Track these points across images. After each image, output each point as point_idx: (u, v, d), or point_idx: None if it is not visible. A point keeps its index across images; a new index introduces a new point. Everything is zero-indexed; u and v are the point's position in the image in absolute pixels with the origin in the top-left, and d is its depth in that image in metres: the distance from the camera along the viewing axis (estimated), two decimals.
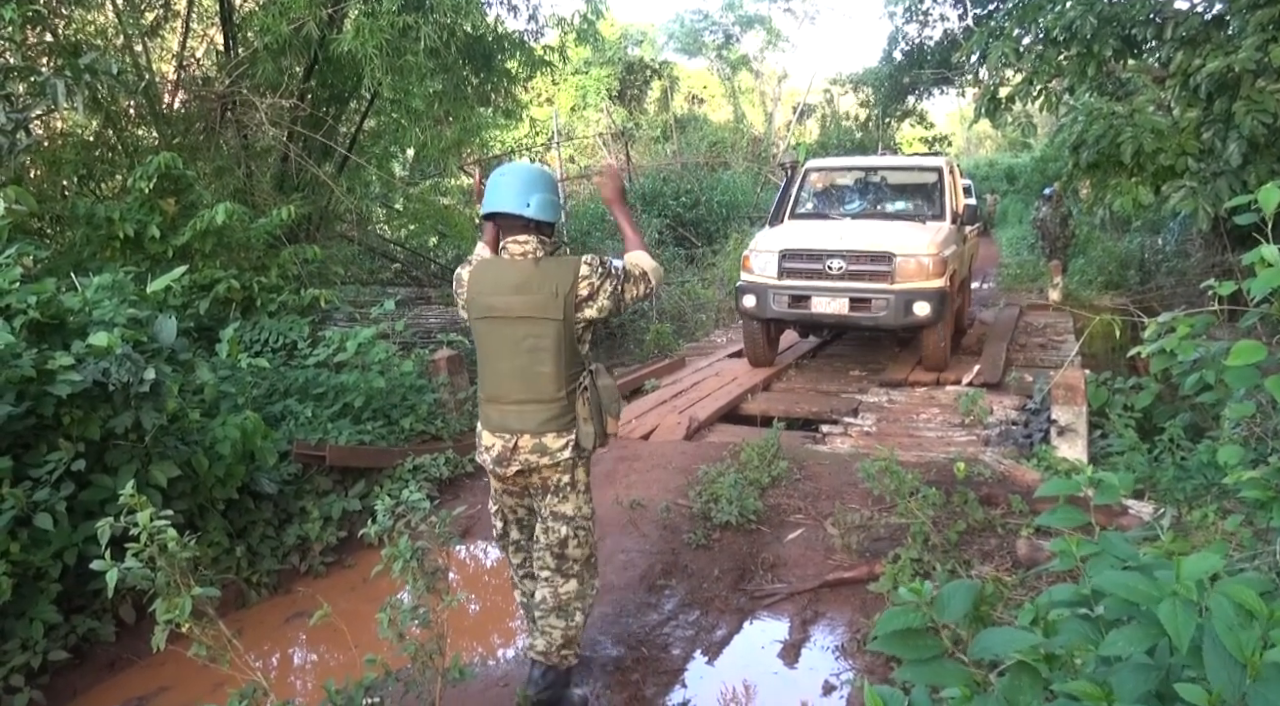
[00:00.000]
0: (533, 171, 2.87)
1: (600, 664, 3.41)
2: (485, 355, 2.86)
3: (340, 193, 7.41)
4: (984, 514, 4.35)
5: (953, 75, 15.01)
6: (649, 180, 18.83)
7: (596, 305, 2.75)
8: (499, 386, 2.83)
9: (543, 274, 2.72)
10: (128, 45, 6.59)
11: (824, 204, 8.57)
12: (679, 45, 29.83)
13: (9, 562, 3.21)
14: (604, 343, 11.18)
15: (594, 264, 2.74)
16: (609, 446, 5.71)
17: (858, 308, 6.95)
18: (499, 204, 2.75)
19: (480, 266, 2.86)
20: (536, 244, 2.75)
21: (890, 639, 1.31)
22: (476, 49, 7.91)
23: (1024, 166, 28.79)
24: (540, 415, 2.76)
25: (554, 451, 2.79)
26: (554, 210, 2.80)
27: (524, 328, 2.73)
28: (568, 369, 2.76)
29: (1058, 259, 12.14)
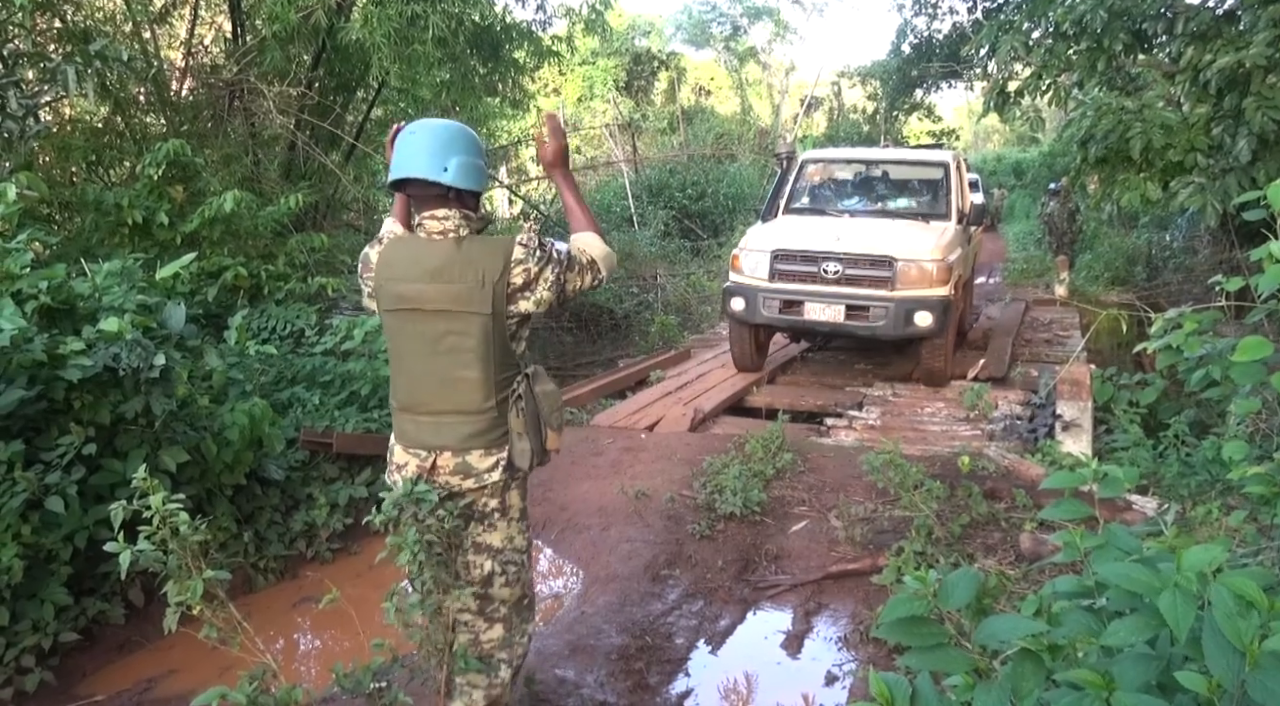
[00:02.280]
0: (451, 128, 2.30)
1: (604, 652, 3.43)
2: (397, 355, 2.39)
3: (347, 181, 7.44)
4: (988, 507, 4.37)
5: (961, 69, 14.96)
6: (655, 172, 18.80)
7: (534, 297, 2.27)
8: (413, 394, 2.36)
9: (466, 257, 2.23)
10: (136, 32, 6.60)
11: (821, 198, 8.04)
12: (686, 36, 29.79)
13: (21, 545, 3.23)
14: (608, 334, 11.21)
15: (531, 245, 2.25)
16: (613, 438, 5.85)
17: (854, 316, 6.49)
18: (408, 168, 2.24)
19: (391, 246, 2.36)
20: (459, 220, 2.26)
21: (894, 626, 1.32)
22: (484, 39, 7.92)
23: (1032, 161, 28.71)
24: (463, 429, 2.29)
25: (481, 472, 2.32)
26: (479, 176, 2.30)
27: (443, 323, 2.26)
28: (498, 373, 2.28)
29: (1064, 254, 12.12)
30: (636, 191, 17.35)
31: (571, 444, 5.67)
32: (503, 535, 2.44)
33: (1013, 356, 7.43)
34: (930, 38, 17.39)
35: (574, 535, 4.53)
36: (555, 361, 9.88)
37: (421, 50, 6.51)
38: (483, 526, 2.42)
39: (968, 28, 14.33)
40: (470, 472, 2.33)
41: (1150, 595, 1.19)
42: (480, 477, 2.33)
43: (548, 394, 2.36)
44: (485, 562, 2.45)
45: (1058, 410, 5.10)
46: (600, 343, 10.92)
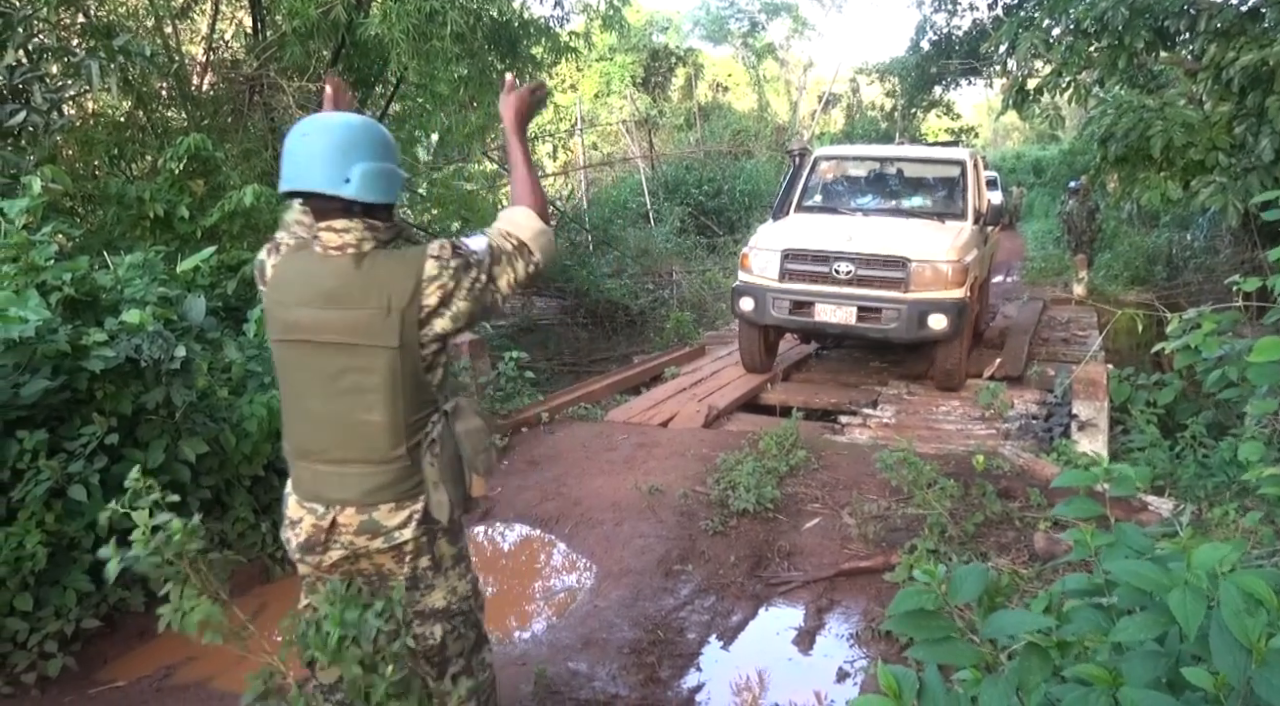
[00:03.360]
0: (353, 128, 1.89)
1: (616, 645, 3.44)
2: (289, 394, 2.02)
3: None
4: (1002, 506, 4.35)
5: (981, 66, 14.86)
6: (672, 168, 18.83)
7: (451, 311, 1.91)
8: (309, 439, 1.99)
9: (368, 278, 1.87)
10: (158, 27, 6.68)
11: (834, 197, 7.83)
12: (704, 32, 29.76)
13: (44, 532, 3.27)
14: (624, 330, 11.24)
15: (444, 256, 1.89)
16: (627, 434, 5.86)
17: (866, 318, 6.33)
18: (302, 179, 1.86)
19: (287, 261, 1.99)
20: (362, 232, 1.89)
21: (903, 619, 1.33)
22: (502, 34, 7.93)
23: (1051, 159, 28.53)
24: (369, 480, 1.95)
25: (390, 530, 1.97)
26: (391, 185, 1.93)
27: (340, 357, 1.90)
28: (409, 414, 1.93)
29: (1083, 253, 12.06)
30: (653, 188, 17.39)
31: (586, 439, 5.70)
32: (445, 591, 2.11)
33: (1029, 355, 7.39)
34: (950, 34, 17.28)
35: (587, 530, 4.53)
36: (570, 357, 9.94)
37: (440, 46, 6.54)
38: (419, 591, 2.07)
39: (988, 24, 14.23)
40: (378, 531, 1.97)
41: (1160, 593, 1.19)
42: (390, 536, 1.98)
43: (471, 433, 2.01)
44: (435, 629, 2.12)
45: (1073, 409, 5.08)
46: (615, 338, 10.97)
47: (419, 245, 1.97)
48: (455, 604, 2.14)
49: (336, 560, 2.01)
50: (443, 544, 2.09)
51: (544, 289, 11.27)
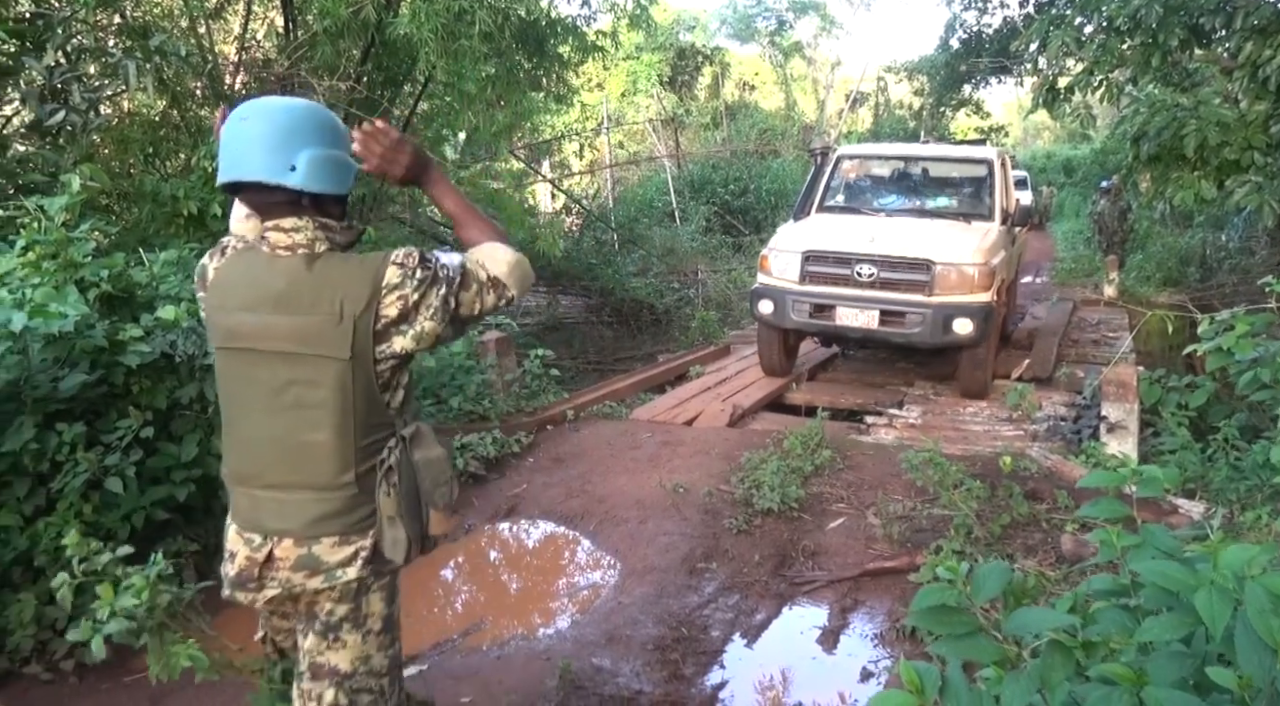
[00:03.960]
0: (296, 111, 1.73)
1: (640, 642, 3.47)
2: (228, 408, 1.84)
3: None
4: (1029, 508, 4.33)
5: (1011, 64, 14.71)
6: (698, 167, 18.84)
7: (413, 329, 1.72)
8: (247, 460, 1.81)
9: (320, 282, 1.70)
10: (192, 27, 6.79)
11: (857, 197, 7.68)
12: (731, 31, 29.75)
13: (82, 523, 3.34)
14: (649, 329, 11.27)
15: (409, 264, 1.71)
16: (652, 432, 5.88)
17: (889, 322, 6.18)
18: (241, 168, 1.69)
19: (231, 263, 1.82)
20: (314, 231, 1.73)
21: (925, 614, 1.33)
22: (530, 33, 7.98)
23: (1083, 158, 28.25)
24: (311, 509, 1.74)
25: (332, 568, 1.75)
26: (341, 174, 1.76)
27: (285, 368, 1.72)
28: (361, 437, 1.74)
29: (1114, 254, 11.94)
30: (679, 187, 17.41)
31: (610, 437, 5.74)
32: (353, 654, 1.81)
33: (1058, 357, 7.33)
34: (980, 32, 17.14)
35: (612, 527, 4.57)
36: (595, 355, 9.98)
37: (468, 45, 6.58)
38: (326, 642, 1.80)
39: (1019, 22, 14.09)
40: (317, 568, 1.74)
41: (1187, 593, 1.19)
42: (331, 575, 1.75)
43: (431, 462, 1.80)
44: (326, 692, 1.81)
45: (1103, 411, 5.03)
46: (640, 337, 11.00)
47: (378, 252, 1.77)
48: (362, 675, 1.82)
49: (272, 599, 1.80)
50: (374, 599, 1.82)
51: (569, 287, 11.32)
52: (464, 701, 3.03)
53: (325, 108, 1.82)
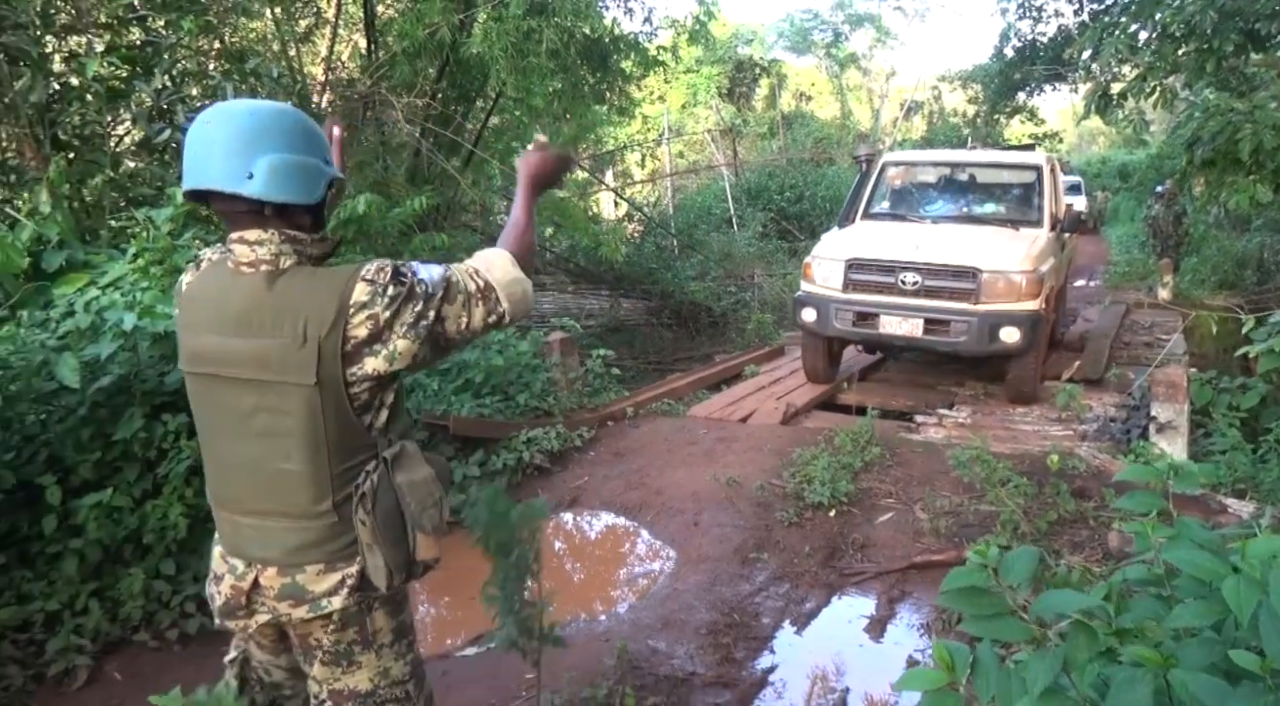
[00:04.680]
0: (260, 115, 1.58)
1: (694, 627, 3.61)
2: (202, 432, 1.73)
3: (466, 185, 7.90)
4: (1076, 505, 4.37)
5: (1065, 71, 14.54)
6: (755, 175, 19.01)
7: (386, 349, 1.58)
8: (224, 485, 1.72)
9: (281, 301, 1.57)
10: (284, 50, 7.25)
11: (902, 204, 7.53)
12: (788, 44, 29.89)
13: (185, 505, 3.63)
14: (706, 331, 11.46)
15: (380, 280, 1.56)
16: (708, 429, 6.06)
17: (934, 330, 6.06)
18: (198, 176, 1.56)
19: (201, 278, 1.69)
20: (279, 245, 1.58)
21: (955, 595, 1.35)
22: (594, 50, 8.24)
23: (1138, 163, 27.62)
24: (292, 537, 1.64)
25: (318, 597, 1.65)
26: (307, 181, 1.60)
27: (251, 395, 1.60)
28: (337, 463, 1.62)
29: (1169, 257, 11.76)
30: (736, 194, 17.59)
31: (668, 433, 5.93)
32: (372, 672, 1.74)
33: (1110, 358, 7.25)
34: (1034, 40, 16.99)
35: (668, 518, 4.74)
36: (655, 356, 10.19)
37: (536, 62, 6.89)
38: (341, 668, 1.72)
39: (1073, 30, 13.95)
40: (302, 597, 1.64)
41: (1217, 582, 1.20)
42: (316, 605, 1.64)
43: (416, 485, 1.66)
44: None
45: (1152, 411, 5.07)
46: (698, 339, 11.19)
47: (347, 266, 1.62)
48: (384, 689, 1.76)
49: (263, 625, 1.72)
50: (379, 616, 1.73)
51: (631, 291, 11.58)
52: (527, 677, 3.15)
53: (299, 112, 1.67)
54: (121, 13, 5.35)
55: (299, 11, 7.78)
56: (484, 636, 3.67)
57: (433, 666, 3.45)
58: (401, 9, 7.71)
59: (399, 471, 1.66)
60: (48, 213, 4.24)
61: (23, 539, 3.36)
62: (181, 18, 5.45)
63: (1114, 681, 1.16)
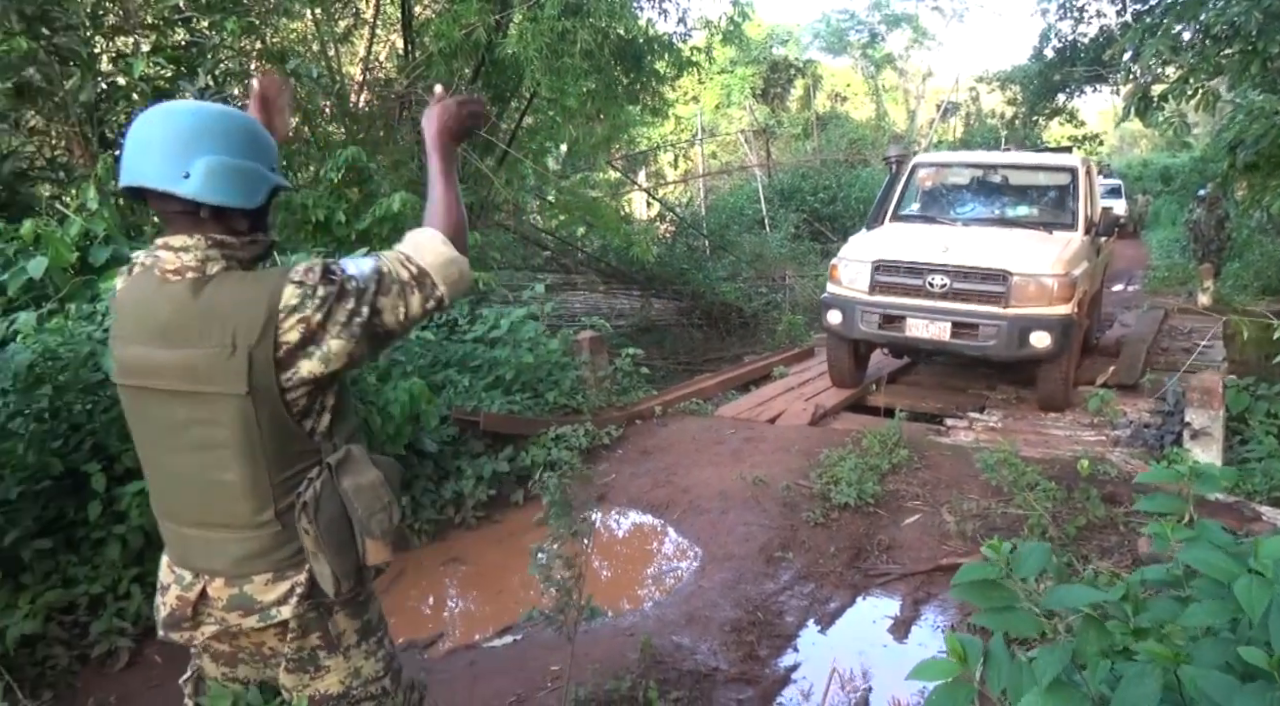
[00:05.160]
0: (202, 115, 1.55)
1: (718, 623, 3.64)
2: (139, 444, 1.68)
3: (499, 184, 7.98)
4: (1106, 511, 4.35)
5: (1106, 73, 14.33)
6: (788, 176, 18.98)
7: (321, 350, 1.52)
8: (166, 497, 1.68)
9: (208, 310, 1.50)
10: (323, 51, 7.40)
11: (932, 205, 7.44)
12: (824, 44, 29.81)
13: None
14: (737, 331, 11.48)
15: (310, 281, 1.50)
16: (735, 429, 6.09)
17: (961, 333, 5.97)
18: (135, 173, 1.52)
19: (130, 285, 1.63)
20: (207, 250, 1.53)
21: (968, 588, 1.38)
22: (628, 51, 8.28)
23: (1181, 166, 27.13)
24: (236, 548, 1.60)
25: (267, 606, 1.61)
26: (244, 184, 1.55)
27: (182, 407, 1.55)
28: (276, 472, 1.57)
29: (1209, 262, 11.56)
30: (769, 195, 17.59)
31: (696, 432, 5.97)
32: (342, 674, 1.70)
33: (1146, 364, 7.15)
34: (1075, 41, 16.81)
35: (695, 516, 4.78)
36: (685, 356, 10.23)
37: (570, 63, 6.96)
38: (309, 674, 1.68)
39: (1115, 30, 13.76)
40: (252, 607, 1.61)
41: (1230, 581, 1.22)
42: (266, 614, 1.61)
43: (363, 489, 1.61)
44: None
45: (1186, 417, 5.01)
46: (729, 339, 11.22)
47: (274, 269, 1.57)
48: (357, 689, 1.71)
49: (211, 637, 1.67)
50: (341, 618, 1.68)
51: (662, 291, 11.63)
52: (553, 669, 3.24)
53: (248, 117, 1.65)
54: (167, 14, 5.50)
55: (338, 12, 7.93)
56: (512, 627, 3.74)
57: (461, 657, 3.55)
58: (438, 10, 7.83)
59: (344, 476, 1.61)
60: (95, 209, 4.36)
61: (69, 524, 3.46)
62: (225, 19, 5.59)
63: (1125, 677, 1.17)
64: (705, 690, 3.19)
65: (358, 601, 1.71)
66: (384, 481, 1.65)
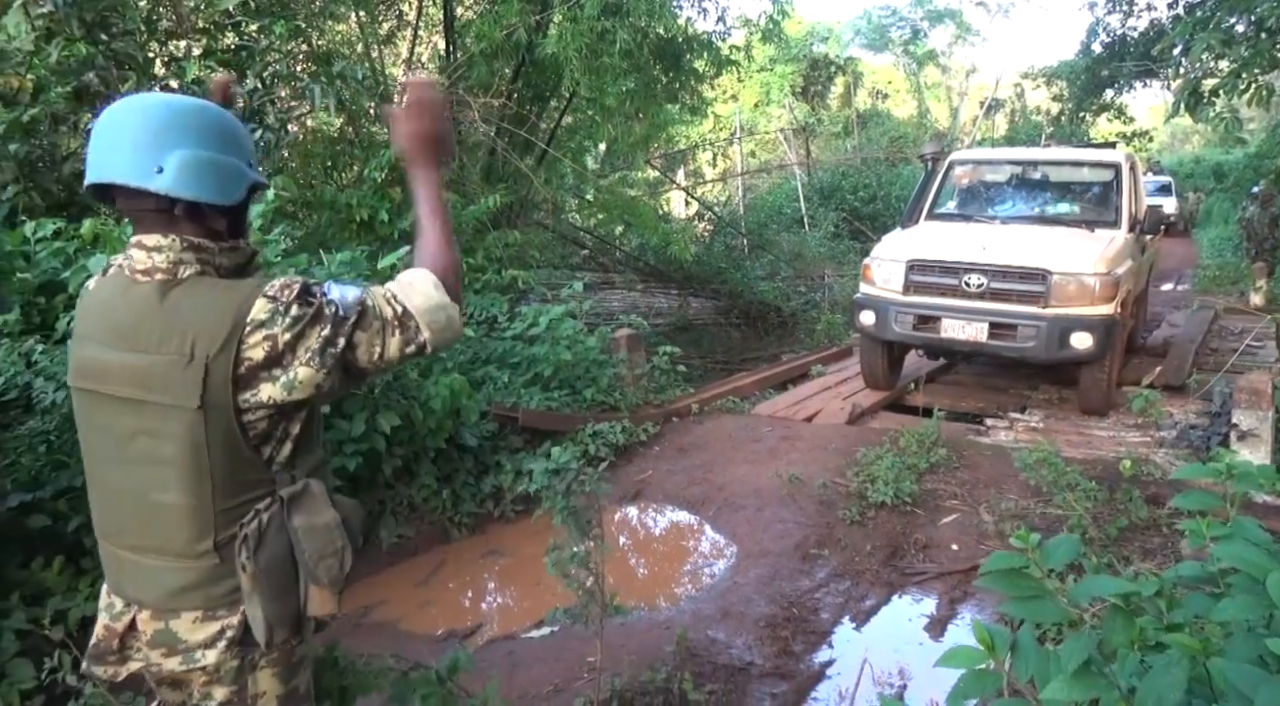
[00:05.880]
0: (177, 107, 1.45)
1: (753, 619, 3.66)
2: (84, 452, 1.55)
3: (539, 183, 8.07)
4: (1149, 512, 4.29)
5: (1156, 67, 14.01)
6: (828, 175, 18.89)
7: (286, 376, 1.40)
8: (104, 514, 1.54)
9: (170, 315, 1.39)
10: (367, 52, 7.56)
11: (970, 203, 7.28)
12: (865, 41, 29.59)
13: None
14: (775, 331, 11.45)
15: (284, 299, 1.39)
16: (772, 427, 6.10)
17: (999, 334, 5.81)
18: (103, 169, 1.42)
19: (99, 284, 1.52)
20: (180, 252, 1.43)
21: (996, 577, 1.36)
22: (667, 50, 8.33)
23: (1234, 163, 26.40)
24: (168, 578, 1.45)
25: (192, 648, 1.45)
26: (221, 180, 1.45)
27: (130, 416, 1.43)
28: (222, 499, 1.43)
29: (1263, 261, 11.28)
30: (808, 193, 17.53)
31: (732, 430, 5.98)
32: None
33: (1194, 364, 7.00)
34: (1124, 35, 16.45)
35: (730, 513, 4.79)
36: (723, 355, 10.24)
37: (609, 62, 7.02)
38: None
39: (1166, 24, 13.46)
40: (175, 647, 1.45)
41: (1263, 576, 1.22)
42: (190, 657, 1.44)
43: (315, 530, 1.47)
44: None
45: (1234, 418, 4.92)
46: (767, 338, 11.21)
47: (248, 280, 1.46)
48: None
49: (136, 673, 1.52)
50: (264, 677, 1.49)
51: (700, 290, 11.66)
52: (590, 660, 3.23)
53: (224, 111, 1.53)
54: (219, 18, 5.66)
55: (382, 14, 8.09)
56: (547, 619, 3.80)
57: (499, 647, 3.62)
58: (480, 11, 7.94)
59: (297, 513, 1.46)
60: None
61: None
62: (273, 22, 5.74)
63: (1153, 667, 1.17)
64: (740, 683, 3.22)
65: (290, 662, 1.53)
66: (339, 524, 1.50)
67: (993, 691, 1.28)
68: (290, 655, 1.52)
